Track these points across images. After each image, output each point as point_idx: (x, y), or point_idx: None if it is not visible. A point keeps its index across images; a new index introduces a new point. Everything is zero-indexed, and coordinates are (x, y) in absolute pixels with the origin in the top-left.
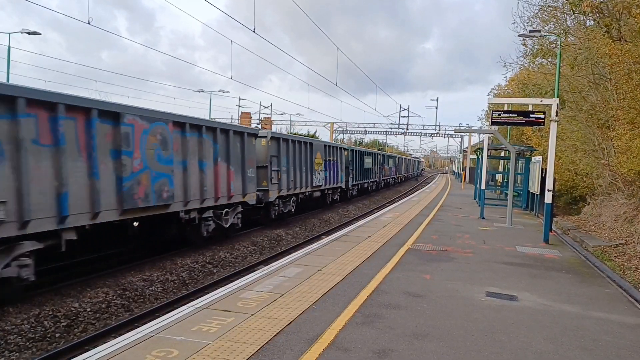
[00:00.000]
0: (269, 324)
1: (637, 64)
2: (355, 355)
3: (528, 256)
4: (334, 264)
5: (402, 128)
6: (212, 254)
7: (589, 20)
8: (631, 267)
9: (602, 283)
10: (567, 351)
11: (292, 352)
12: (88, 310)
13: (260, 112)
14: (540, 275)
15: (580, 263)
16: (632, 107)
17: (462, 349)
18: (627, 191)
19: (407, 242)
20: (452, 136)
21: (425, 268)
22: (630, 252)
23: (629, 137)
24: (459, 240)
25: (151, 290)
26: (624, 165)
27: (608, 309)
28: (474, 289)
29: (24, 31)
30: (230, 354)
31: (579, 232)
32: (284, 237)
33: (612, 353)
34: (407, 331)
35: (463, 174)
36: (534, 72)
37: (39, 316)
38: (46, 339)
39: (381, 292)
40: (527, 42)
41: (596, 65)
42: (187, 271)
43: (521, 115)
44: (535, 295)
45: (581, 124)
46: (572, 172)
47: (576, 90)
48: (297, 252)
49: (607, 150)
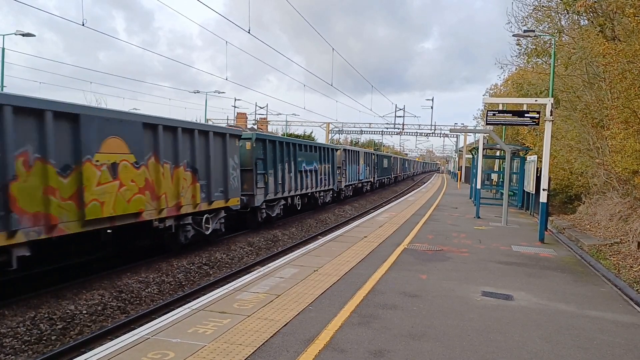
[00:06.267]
0: (266, 325)
1: (631, 63)
2: (352, 355)
3: (523, 255)
4: (330, 264)
5: (397, 128)
6: (209, 255)
7: (583, 20)
8: (626, 266)
9: (597, 282)
10: (563, 350)
11: (289, 353)
12: (84, 313)
13: (256, 112)
14: (536, 275)
15: (575, 262)
16: (626, 106)
17: (458, 349)
18: (622, 190)
19: (403, 242)
20: (448, 136)
21: (421, 268)
22: (625, 250)
23: (623, 136)
24: (454, 239)
25: (147, 292)
26: (619, 164)
27: (603, 307)
28: (469, 288)
29: (18, 33)
30: (227, 355)
31: (574, 231)
32: (281, 237)
33: (607, 352)
34: (403, 331)
35: (459, 174)
36: (529, 72)
37: (35, 319)
38: (42, 341)
39: (377, 292)
40: (522, 42)
41: (590, 64)
42: (183, 272)
43: (516, 115)
44: (530, 295)
45: (576, 123)
46: (567, 171)
47: (570, 90)
48: (293, 253)
49: (602, 149)
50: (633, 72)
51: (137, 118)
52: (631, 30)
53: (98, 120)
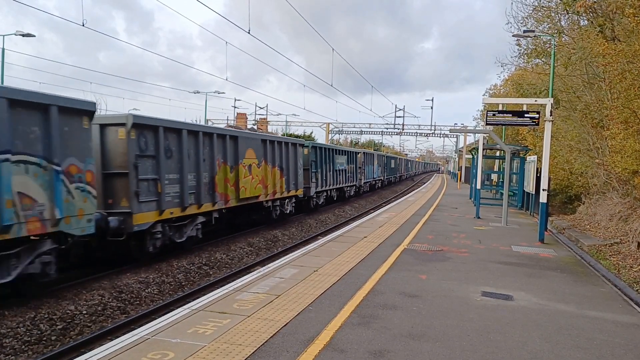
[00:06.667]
0: (265, 326)
1: (631, 63)
2: (352, 356)
3: (523, 255)
4: (330, 264)
5: (397, 128)
6: (209, 255)
7: (583, 20)
8: (626, 266)
9: (597, 282)
10: (562, 350)
11: (289, 354)
12: (84, 313)
13: (256, 113)
14: (536, 275)
15: (575, 262)
16: (625, 107)
17: (457, 349)
18: (622, 190)
19: (403, 242)
20: (448, 136)
21: (421, 268)
22: (625, 251)
23: (623, 136)
24: (454, 239)
25: (147, 292)
26: (618, 164)
27: (603, 307)
28: (469, 288)
29: (18, 33)
30: (226, 355)
31: (574, 231)
32: (281, 237)
33: (606, 352)
34: (403, 331)
35: (459, 174)
36: (528, 72)
37: (35, 319)
38: (42, 341)
39: (377, 292)
40: (522, 42)
41: (590, 65)
42: (183, 273)
43: (516, 115)
44: (530, 295)
45: (575, 124)
46: (567, 171)
47: (570, 90)
48: (293, 253)
49: (602, 149)
50: (633, 72)
51: (258, 136)
52: (631, 31)
53: (244, 139)
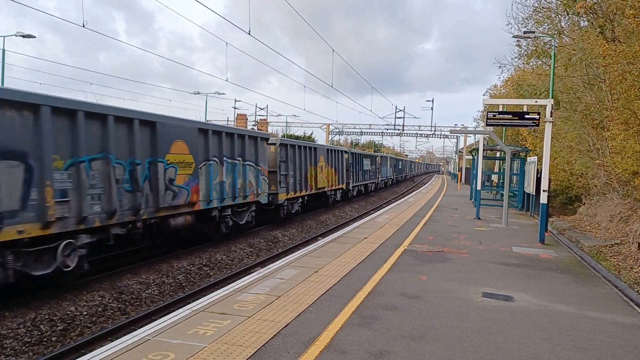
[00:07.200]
0: (266, 327)
1: (631, 64)
2: (352, 357)
3: (524, 256)
4: (331, 265)
5: (397, 129)
6: (209, 256)
7: (583, 21)
8: (626, 267)
9: (597, 283)
10: (563, 351)
11: (289, 355)
12: (84, 314)
13: (256, 113)
14: (536, 276)
15: (575, 263)
16: (626, 108)
17: (458, 350)
18: (622, 191)
19: (403, 243)
20: (448, 137)
21: (422, 269)
22: (626, 251)
23: (623, 137)
24: (455, 240)
25: (147, 293)
26: (619, 165)
27: (603, 308)
28: (470, 289)
29: (18, 34)
30: (227, 356)
31: (575, 232)
32: (281, 238)
33: (607, 353)
34: (404, 332)
35: (459, 175)
36: (528, 73)
37: (35, 320)
38: (42, 342)
39: (378, 293)
40: (522, 43)
41: (590, 66)
42: (183, 274)
43: (516, 116)
44: (530, 296)
45: (576, 125)
46: (567, 172)
47: (570, 91)
48: (294, 254)
49: (602, 150)
50: (633, 73)
51: (324, 147)
52: (631, 32)
53: (319, 149)
